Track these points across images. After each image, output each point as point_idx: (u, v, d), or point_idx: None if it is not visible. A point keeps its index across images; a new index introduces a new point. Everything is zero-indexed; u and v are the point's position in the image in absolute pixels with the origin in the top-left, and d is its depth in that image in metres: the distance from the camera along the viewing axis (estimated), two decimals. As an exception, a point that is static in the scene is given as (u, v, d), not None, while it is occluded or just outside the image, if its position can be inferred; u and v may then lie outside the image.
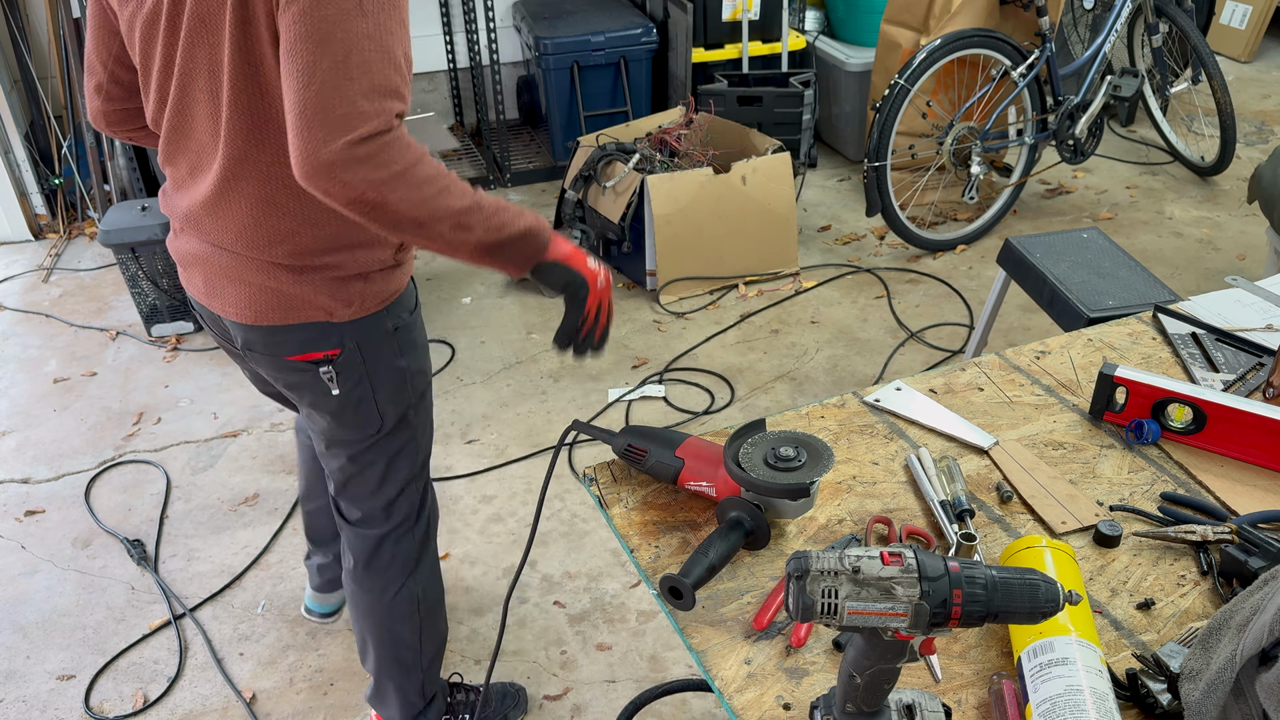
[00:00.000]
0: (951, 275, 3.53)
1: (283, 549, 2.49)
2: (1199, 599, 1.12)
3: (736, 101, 3.74)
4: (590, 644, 2.23)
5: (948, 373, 1.50)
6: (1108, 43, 3.66)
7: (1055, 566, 1.07)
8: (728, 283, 3.46)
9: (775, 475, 1.17)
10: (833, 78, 4.15)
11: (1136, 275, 2.28)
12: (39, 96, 3.83)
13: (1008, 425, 1.39)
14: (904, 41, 3.70)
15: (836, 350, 3.16)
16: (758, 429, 1.25)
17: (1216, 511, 1.22)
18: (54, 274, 3.66)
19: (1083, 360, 1.52)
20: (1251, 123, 4.55)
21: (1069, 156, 3.77)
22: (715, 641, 1.09)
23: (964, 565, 0.85)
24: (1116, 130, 4.49)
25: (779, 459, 1.18)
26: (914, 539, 1.21)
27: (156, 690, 2.16)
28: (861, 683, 0.90)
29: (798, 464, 1.18)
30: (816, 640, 1.08)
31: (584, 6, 4.19)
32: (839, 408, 1.43)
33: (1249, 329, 1.56)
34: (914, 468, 1.30)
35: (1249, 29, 5.12)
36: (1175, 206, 3.91)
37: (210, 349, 3.23)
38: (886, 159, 3.36)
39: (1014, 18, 3.61)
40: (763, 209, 3.38)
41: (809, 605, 0.84)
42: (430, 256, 3.70)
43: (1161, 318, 1.59)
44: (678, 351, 3.16)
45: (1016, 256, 2.41)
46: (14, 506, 2.64)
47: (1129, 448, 1.35)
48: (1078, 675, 0.95)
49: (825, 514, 1.25)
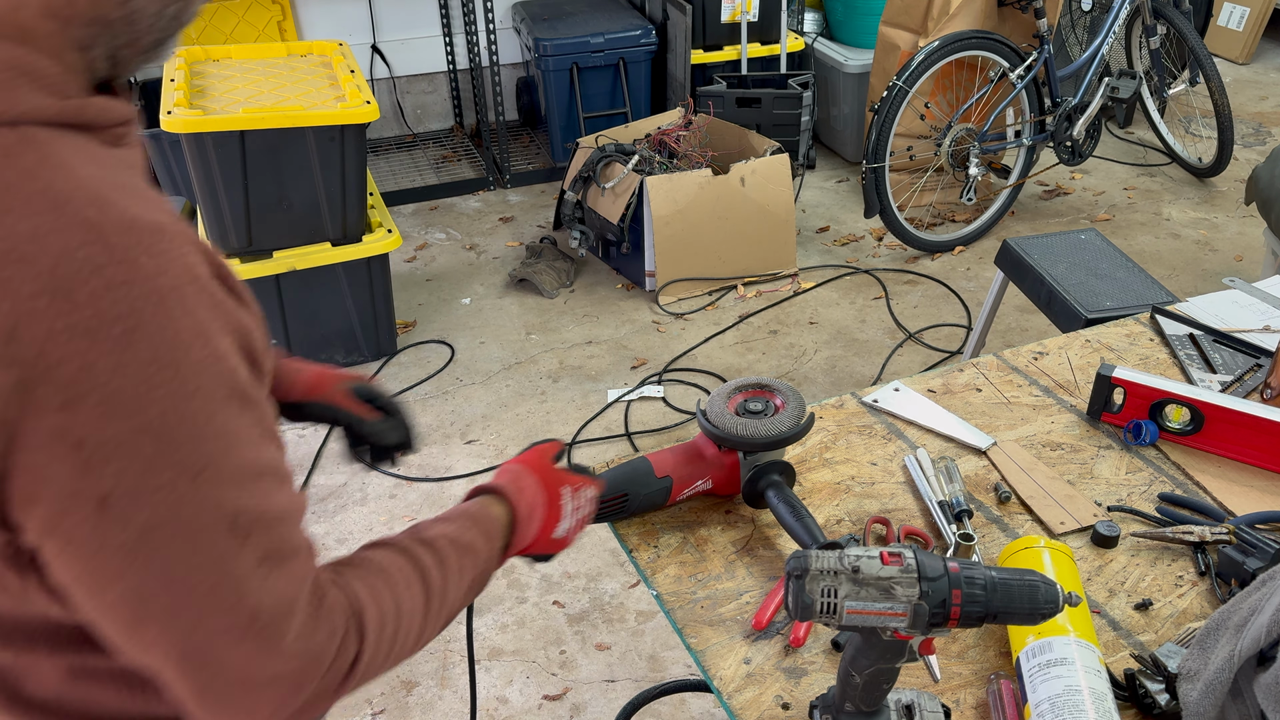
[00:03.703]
0: (949, 276, 3.53)
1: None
2: (1197, 599, 1.13)
3: (735, 103, 3.74)
4: (589, 644, 2.23)
5: (946, 373, 1.50)
6: (1105, 44, 3.66)
7: (1054, 567, 1.07)
8: (726, 284, 3.46)
9: (769, 424, 1.20)
10: (831, 79, 4.16)
11: (1134, 276, 2.28)
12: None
13: (1006, 426, 1.39)
14: (902, 43, 3.70)
15: (835, 351, 3.17)
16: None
17: (1214, 512, 1.23)
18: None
19: (1080, 361, 1.52)
20: (1249, 124, 4.56)
21: (1067, 158, 3.77)
22: (714, 641, 1.09)
23: (963, 566, 0.85)
24: (1114, 132, 4.50)
25: (750, 412, 1.22)
26: (912, 539, 1.21)
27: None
28: (860, 682, 0.90)
29: (771, 409, 1.23)
30: (815, 640, 1.09)
31: (583, 8, 4.19)
32: (837, 408, 1.44)
33: (1246, 330, 1.56)
34: (912, 468, 1.30)
35: (1246, 31, 5.13)
36: (1173, 208, 3.92)
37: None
38: (885, 160, 3.37)
39: (1012, 19, 3.61)
40: (761, 210, 3.38)
41: (808, 604, 0.84)
42: (431, 257, 3.71)
43: (1159, 319, 1.60)
44: (677, 352, 3.17)
45: (1014, 257, 2.41)
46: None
47: (1127, 448, 1.35)
48: (1076, 675, 0.95)
49: (824, 514, 1.25)
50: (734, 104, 3.74)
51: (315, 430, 2.85)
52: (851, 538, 1.21)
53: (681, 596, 1.15)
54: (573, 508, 1.05)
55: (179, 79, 2.80)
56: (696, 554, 1.20)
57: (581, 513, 1.06)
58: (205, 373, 0.66)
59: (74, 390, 0.61)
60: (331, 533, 2.52)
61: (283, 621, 0.70)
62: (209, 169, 2.65)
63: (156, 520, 0.65)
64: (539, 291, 3.47)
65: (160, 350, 0.63)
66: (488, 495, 0.99)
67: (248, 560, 0.68)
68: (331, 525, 2.55)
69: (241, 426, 0.68)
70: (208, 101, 2.76)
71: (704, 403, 1.27)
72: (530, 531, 1.00)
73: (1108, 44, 3.67)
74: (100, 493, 0.63)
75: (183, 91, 2.73)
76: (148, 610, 0.67)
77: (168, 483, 0.64)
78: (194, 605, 0.67)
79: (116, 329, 0.62)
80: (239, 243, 2.79)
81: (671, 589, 1.16)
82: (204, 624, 0.68)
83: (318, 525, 2.55)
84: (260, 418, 0.71)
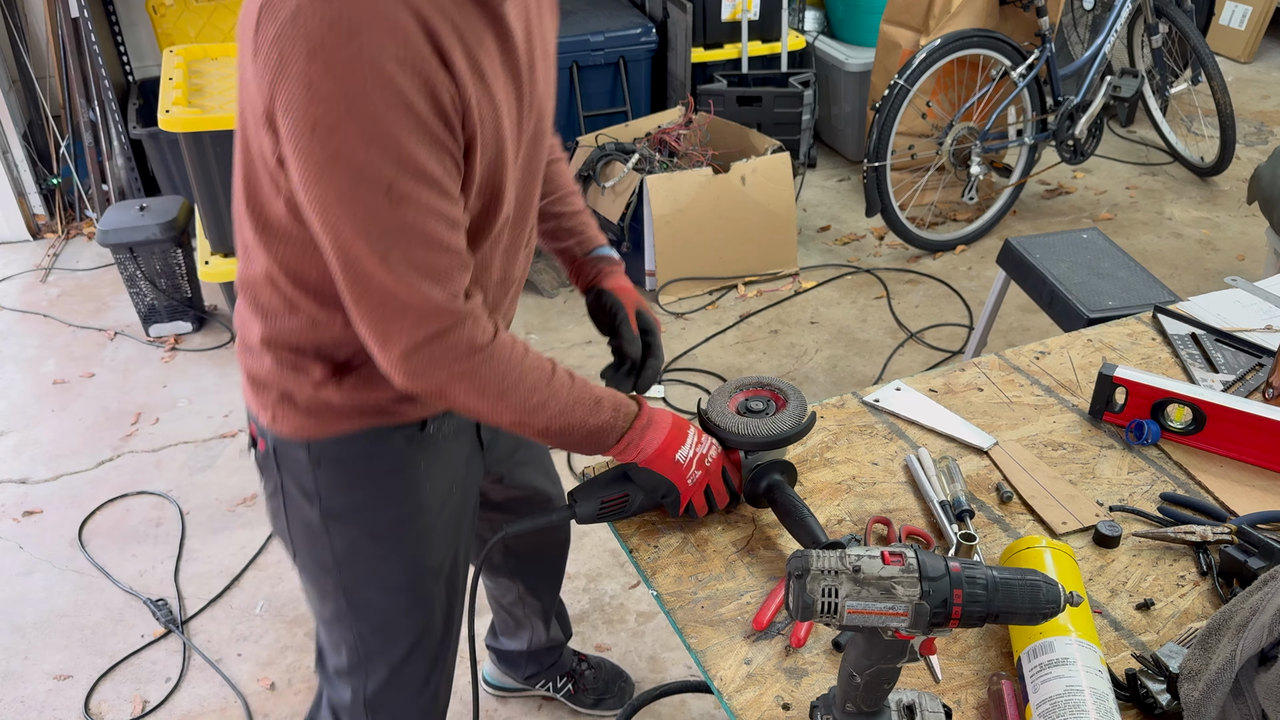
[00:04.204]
0: (951, 276, 3.53)
1: (281, 550, 2.48)
2: (1198, 599, 1.12)
3: (736, 101, 3.74)
4: (589, 645, 2.23)
5: (947, 373, 1.50)
6: (1107, 43, 3.66)
7: (1055, 567, 1.07)
8: (727, 283, 3.45)
9: (770, 423, 1.21)
10: (832, 78, 4.15)
11: (1136, 276, 2.28)
12: (37, 96, 3.82)
13: (1007, 425, 1.39)
14: (903, 42, 3.69)
15: (836, 351, 3.16)
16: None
17: (1216, 512, 1.22)
18: (52, 274, 3.65)
19: (1082, 361, 1.52)
20: (1251, 123, 4.55)
21: (1069, 157, 3.77)
22: (714, 641, 1.09)
23: (965, 565, 0.85)
24: (1116, 131, 4.49)
25: (751, 411, 1.23)
26: (913, 539, 1.21)
27: (154, 691, 2.15)
28: (861, 683, 0.90)
29: (772, 408, 1.23)
30: (816, 640, 1.08)
31: (583, 6, 4.18)
32: (838, 408, 1.43)
33: (1248, 329, 1.55)
34: (913, 468, 1.29)
35: (1248, 30, 5.12)
36: (1175, 207, 3.91)
37: (208, 349, 3.23)
38: (886, 159, 3.36)
39: (1014, 18, 3.60)
40: (762, 209, 3.38)
41: (809, 604, 0.84)
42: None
43: (1161, 318, 1.59)
44: (677, 352, 3.16)
45: (1016, 257, 2.41)
46: (12, 507, 2.64)
47: (1128, 448, 1.34)
48: (1078, 675, 0.95)
49: (825, 514, 1.25)
50: (734, 102, 3.74)
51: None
52: (853, 537, 1.20)
53: (682, 597, 1.14)
54: (694, 443, 1.19)
55: (177, 78, 2.80)
56: (697, 554, 1.19)
57: (703, 451, 1.19)
58: (391, 86, 0.90)
59: (316, 53, 0.89)
60: (331, 532, 2.52)
61: (425, 273, 0.99)
62: (207, 168, 2.65)
63: (340, 153, 0.92)
64: (539, 291, 3.47)
65: (367, 51, 0.89)
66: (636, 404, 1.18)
67: (397, 218, 0.96)
68: (331, 525, 2.54)
69: (412, 140, 0.93)
70: (206, 100, 2.76)
71: (705, 402, 1.26)
72: (656, 438, 1.17)
73: (1110, 42, 3.66)
74: (313, 119, 0.90)
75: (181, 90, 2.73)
76: (326, 219, 0.96)
77: (353, 134, 0.91)
78: (353, 227, 0.95)
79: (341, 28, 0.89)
80: (239, 242, 2.79)
81: (672, 589, 1.15)
82: (358, 245, 0.96)
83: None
84: (434, 151, 0.96)
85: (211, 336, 3.29)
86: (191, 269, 3.23)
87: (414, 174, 0.95)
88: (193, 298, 3.28)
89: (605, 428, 1.14)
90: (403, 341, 1.01)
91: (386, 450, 1.23)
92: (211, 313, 3.38)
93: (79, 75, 3.64)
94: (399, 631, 1.34)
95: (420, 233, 0.97)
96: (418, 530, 1.29)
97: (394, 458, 1.24)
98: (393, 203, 0.95)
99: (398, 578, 1.31)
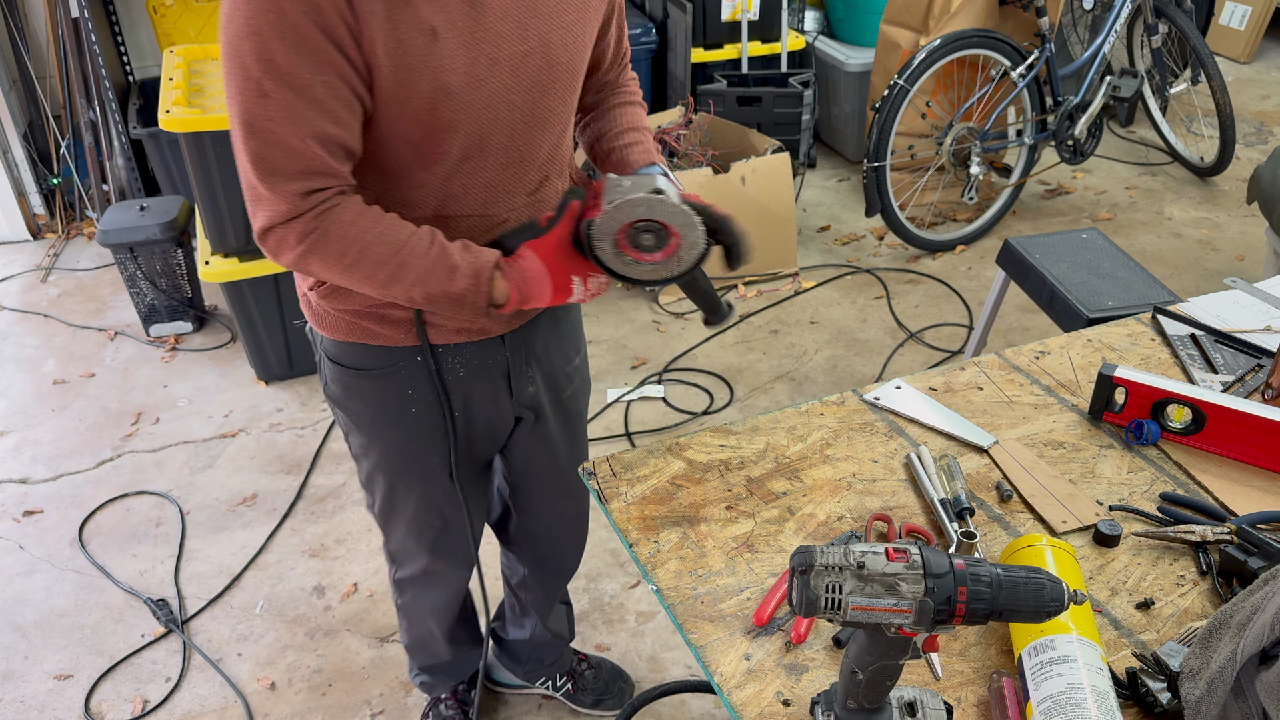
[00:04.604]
0: (951, 276, 3.53)
1: (281, 549, 2.49)
2: (1198, 599, 1.12)
3: (736, 102, 3.74)
4: (589, 644, 2.23)
5: (947, 372, 1.50)
6: (1107, 43, 3.66)
7: (1056, 565, 1.07)
8: (727, 283, 3.45)
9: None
10: (832, 78, 4.16)
11: (1136, 276, 2.28)
12: (37, 96, 3.82)
13: (1007, 425, 1.39)
14: (903, 42, 3.70)
15: (836, 350, 3.16)
16: None
17: (1216, 512, 1.22)
18: (52, 274, 3.65)
19: (1082, 361, 1.52)
20: (1251, 123, 4.55)
21: (1068, 157, 3.77)
22: (715, 637, 1.09)
23: (969, 562, 0.85)
24: (1116, 131, 4.50)
25: (642, 247, 1.24)
26: (914, 537, 1.21)
27: (154, 691, 2.15)
28: (863, 679, 0.90)
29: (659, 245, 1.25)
30: (816, 637, 1.08)
31: (583, 7, 4.18)
32: (838, 405, 1.43)
33: (1248, 330, 1.56)
34: (914, 466, 1.30)
35: (1248, 30, 5.13)
36: (1174, 207, 3.91)
37: (208, 349, 3.23)
38: (886, 159, 3.36)
39: (1013, 18, 3.61)
40: (762, 209, 3.38)
41: (813, 600, 0.84)
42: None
43: (1161, 319, 1.60)
44: (677, 352, 3.16)
45: (1016, 257, 2.41)
46: (12, 506, 2.64)
47: (1128, 448, 1.35)
48: (1079, 673, 0.95)
49: (825, 511, 1.25)
50: (734, 103, 3.74)
51: (314, 430, 2.85)
52: (853, 534, 1.20)
53: (682, 592, 1.14)
54: (582, 291, 1.28)
55: (177, 78, 2.80)
56: (697, 549, 1.20)
57: (596, 287, 1.29)
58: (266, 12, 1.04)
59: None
60: (331, 533, 2.52)
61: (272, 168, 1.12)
62: (207, 168, 2.65)
63: (229, 46, 1.07)
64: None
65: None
66: (499, 270, 1.24)
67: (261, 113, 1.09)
68: (331, 525, 2.55)
69: (281, 45, 1.05)
70: (206, 100, 2.76)
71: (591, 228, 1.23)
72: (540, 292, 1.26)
73: (1109, 42, 3.66)
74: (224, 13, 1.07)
75: (181, 90, 2.73)
76: (227, 103, 1.12)
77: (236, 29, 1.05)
78: (233, 116, 1.11)
79: None
80: (238, 242, 2.79)
81: (672, 584, 1.15)
82: (235, 133, 1.12)
83: (317, 525, 2.55)
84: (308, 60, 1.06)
85: (212, 336, 3.29)
86: (192, 269, 3.24)
87: (277, 77, 1.07)
88: (193, 298, 3.28)
89: (466, 295, 1.22)
90: (258, 222, 1.17)
91: (379, 369, 1.41)
92: (212, 313, 3.38)
93: (79, 75, 3.64)
94: (400, 509, 1.59)
95: (273, 133, 1.10)
96: (397, 445, 1.49)
97: (383, 378, 1.41)
98: (259, 97, 1.08)
99: (382, 470, 1.54)
